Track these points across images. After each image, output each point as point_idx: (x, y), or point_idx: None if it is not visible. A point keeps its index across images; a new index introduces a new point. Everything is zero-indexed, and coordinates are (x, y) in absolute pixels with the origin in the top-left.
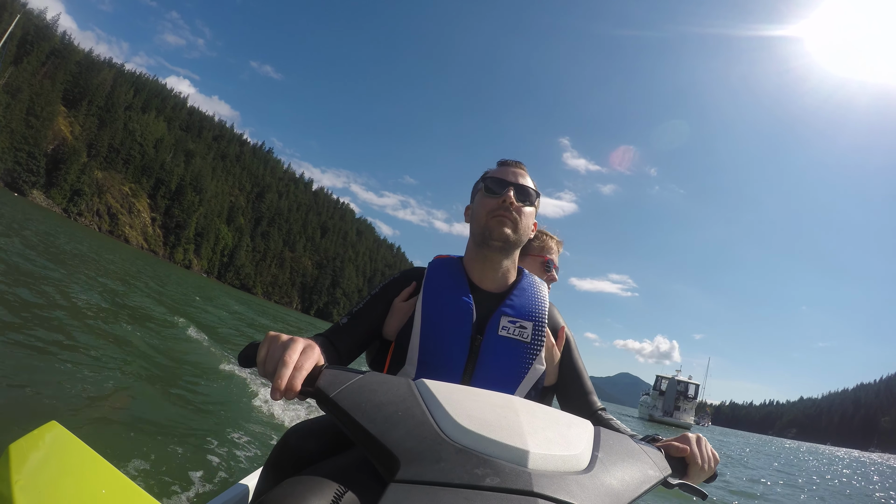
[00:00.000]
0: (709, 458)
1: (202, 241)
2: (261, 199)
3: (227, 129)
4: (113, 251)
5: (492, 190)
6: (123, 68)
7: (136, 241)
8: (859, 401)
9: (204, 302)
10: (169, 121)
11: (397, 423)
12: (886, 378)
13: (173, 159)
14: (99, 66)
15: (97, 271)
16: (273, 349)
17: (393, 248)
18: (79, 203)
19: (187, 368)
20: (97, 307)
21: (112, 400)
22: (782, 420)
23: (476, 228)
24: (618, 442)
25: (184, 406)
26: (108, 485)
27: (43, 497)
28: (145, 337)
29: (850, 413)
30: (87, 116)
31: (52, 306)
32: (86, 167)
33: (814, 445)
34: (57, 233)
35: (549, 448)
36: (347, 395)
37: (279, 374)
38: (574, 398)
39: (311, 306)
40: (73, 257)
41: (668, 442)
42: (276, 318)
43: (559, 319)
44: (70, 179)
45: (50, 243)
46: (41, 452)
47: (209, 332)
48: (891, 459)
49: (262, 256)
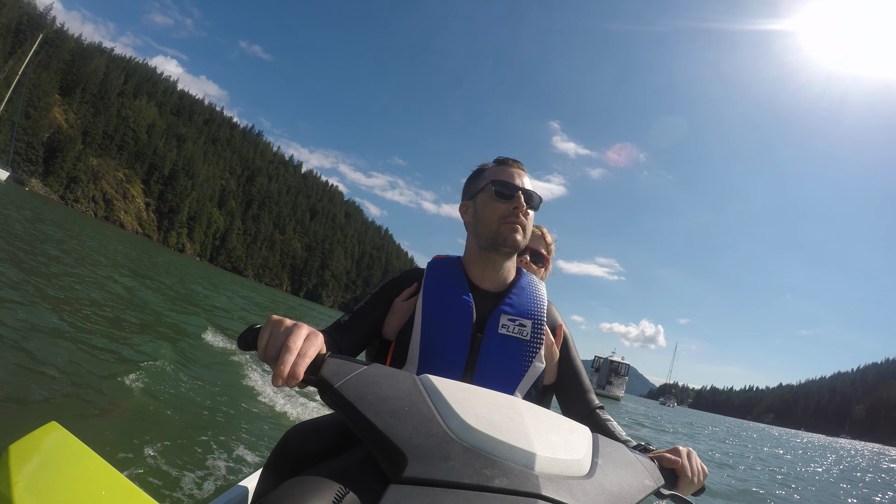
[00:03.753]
0: (698, 472)
1: (195, 225)
2: (251, 183)
3: (217, 112)
4: (110, 237)
5: (502, 194)
6: (113, 52)
7: (130, 227)
8: (835, 389)
9: (209, 290)
10: (160, 105)
11: (404, 418)
12: (863, 367)
13: (165, 144)
14: (91, 52)
15: (96, 264)
16: (276, 334)
17: (381, 230)
18: (75, 190)
19: (188, 369)
20: (97, 305)
21: (112, 400)
22: (760, 405)
23: (484, 232)
24: (615, 450)
25: (184, 407)
26: (108, 485)
27: (43, 498)
28: (146, 337)
29: (826, 400)
30: (81, 104)
31: (52, 306)
32: (81, 154)
33: (787, 430)
34: (50, 220)
35: (554, 452)
36: (352, 386)
37: (282, 360)
38: (573, 396)
39: (301, 288)
40: (71, 251)
41: (661, 453)
42: (284, 305)
43: (557, 317)
44: (66, 167)
45: (48, 236)
46: (41, 453)
47: (212, 328)
48: (857, 445)
49: (253, 239)
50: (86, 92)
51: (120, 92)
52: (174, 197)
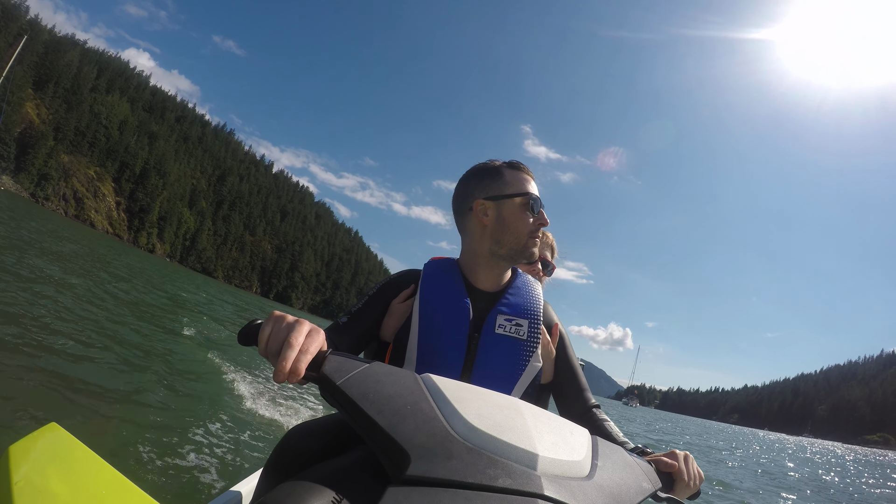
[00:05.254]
0: (695, 476)
1: (165, 226)
2: (222, 183)
3: (189, 109)
4: (83, 238)
5: (533, 208)
6: (86, 45)
7: (101, 226)
8: (798, 389)
9: (194, 294)
10: (132, 101)
11: (406, 416)
12: (826, 369)
13: (137, 142)
14: (65, 45)
15: (88, 267)
16: (277, 329)
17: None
18: (45, 187)
19: (188, 370)
20: (96, 307)
21: (112, 401)
22: (726, 406)
23: (510, 242)
24: (614, 452)
25: (184, 407)
26: (108, 486)
27: (43, 498)
28: (145, 338)
29: (789, 401)
30: (54, 99)
31: (52, 306)
32: (52, 151)
33: (752, 430)
34: (25, 220)
35: (555, 452)
36: (354, 383)
37: (284, 356)
38: (570, 395)
39: (271, 290)
40: (61, 252)
41: (658, 457)
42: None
43: (553, 316)
44: (37, 164)
45: (36, 239)
46: (41, 454)
47: (211, 329)
48: (815, 444)
49: (223, 240)
50: (58, 86)
51: (93, 87)
52: (145, 196)
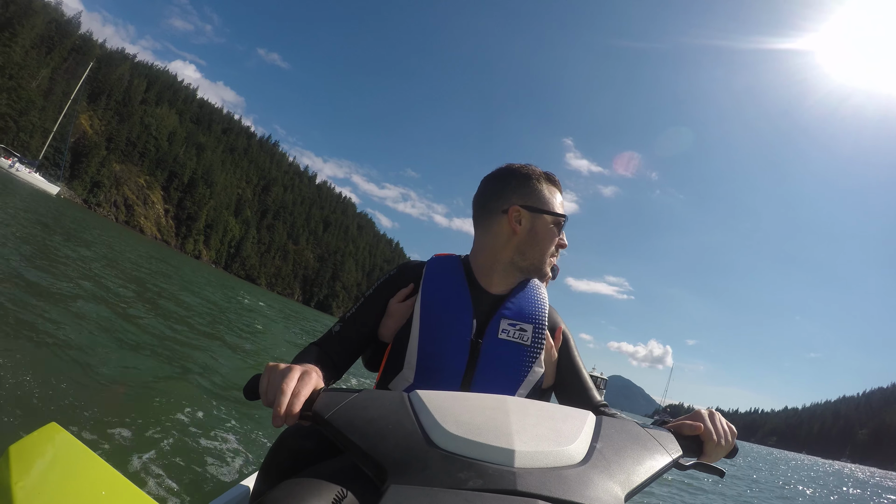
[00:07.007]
0: (725, 432)
1: (211, 233)
2: (267, 193)
3: (234, 121)
4: (128, 242)
5: (561, 227)
6: (136, 59)
7: (150, 232)
8: (839, 412)
9: (229, 300)
10: (181, 113)
11: (386, 435)
12: (868, 392)
13: (185, 153)
14: (115, 59)
15: (103, 268)
16: (273, 378)
17: (392, 242)
18: (98, 194)
19: (188, 370)
20: (100, 306)
21: (112, 401)
22: (764, 428)
23: (534, 257)
24: (621, 429)
25: (184, 408)
26: (108, 486)
27: (43, 498)
28: (146, 338)
29: (829, 424)
30: (106, 111)
31: (53, 306)
32: (105, 160)
33: (790, 454)
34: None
35: (537, 445)
36: (341, 414)
37: (278, 402)
38: (573, 395)
39: (312, 298)
40: (77, 256)
41: (680, 421)
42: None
43: (557, 319)
44: (90, 172)
45: (46, 240)
46: (41, 454)
47: (211, 329)
48: (848, 468)
49: (267, 248)
50: (111, 99)
51: (143, 99)
52: (192, 204)
